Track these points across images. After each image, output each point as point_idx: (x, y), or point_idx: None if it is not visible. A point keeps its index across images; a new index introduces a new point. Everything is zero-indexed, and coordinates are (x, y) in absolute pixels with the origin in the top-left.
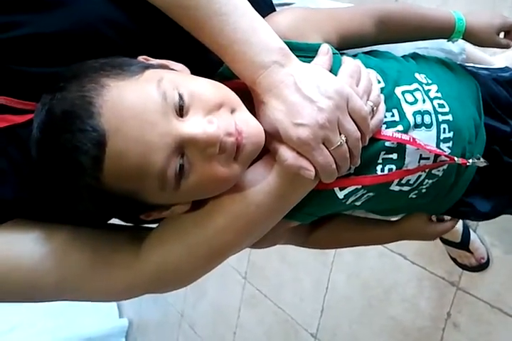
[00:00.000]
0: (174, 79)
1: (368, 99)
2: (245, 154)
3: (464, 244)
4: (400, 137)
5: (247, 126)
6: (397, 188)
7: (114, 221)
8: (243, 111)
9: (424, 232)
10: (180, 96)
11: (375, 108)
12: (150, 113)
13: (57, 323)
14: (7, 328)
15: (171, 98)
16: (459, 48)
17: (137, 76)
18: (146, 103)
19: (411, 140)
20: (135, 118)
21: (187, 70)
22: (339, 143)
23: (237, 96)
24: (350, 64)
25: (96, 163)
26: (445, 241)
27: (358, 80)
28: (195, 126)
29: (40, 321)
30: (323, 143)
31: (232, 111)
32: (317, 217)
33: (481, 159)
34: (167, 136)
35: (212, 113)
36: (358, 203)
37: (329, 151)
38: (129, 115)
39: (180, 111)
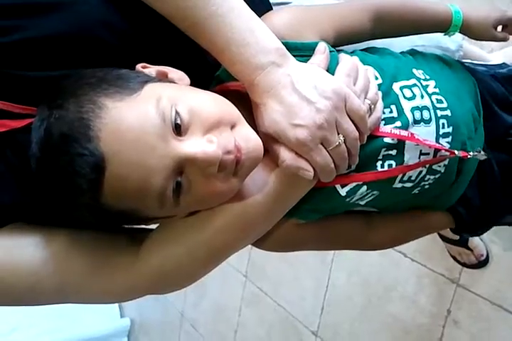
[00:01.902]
0: (173, 96)
1: (365, 98)
2: (244, 169)
3: (463, 241)
4: (398, 133)
5: (246, 141)
6: (399, 185)
7: None
8: (243, 126)
9: None
10: (179, 116)
11: (372, 106)
12: (149, 136)
13: (58, 324)
14: (8, 329)
15: (169, 119)
16: (456, 45)
17: (135, 94)
18: (144, 126)
19: (409, 135)
20: (134, 141)
21: (186, 79)
22: (337, 144)
23: (236, 109)
24: (347, 62)
25: (94, 186)
26: (444, 239)
27: (355, 79)
28: (194, 146)
29: (41, 322)
30: (322, 144)
31: (232, 126)
32: (321, 214)
33: (482, 152)
34: (166, 158)
35: (212, 131)
36: (362, 202)
37: (327, 151)
38: (127, 139)
39: (179, 130)
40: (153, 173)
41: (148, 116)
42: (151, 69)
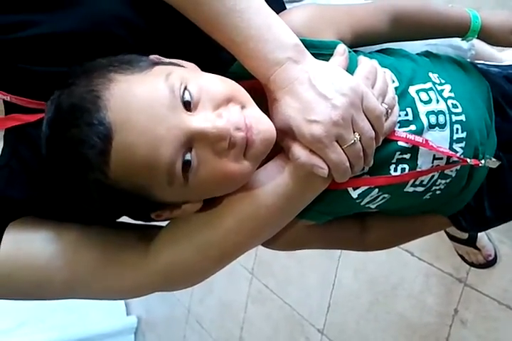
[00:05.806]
0: (183, 74)
1: (382, 101)
2: (255, 151)
3: (471, 240)
4: (413, 139)
5: (256, 122)
6: (411, 189)
7: (124, 219)
8: (253, 107)
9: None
10: (189, 91)
11: (389, 111)
12: (158, 106)
13: (65, 321)
14: (16, 324)
15: (178, 92)
16: (468, 44)
17: (145, 71)
18: (153, 96)
19: (423, 142)
20: (142, 111)
21: (197, 69)
22: (353, 141)
23: (246, 92)
24: (366, 65)
25: (103, 157)
26: (452, 238)
27: (373, 82)
28: (204, 120)
29: (47, 318)
30: (337, 141)
31: (242, 106)
32: (330, 216)
33: (493, 159)
34: (175, 129)
35: (221, 107)
36: (372, 206)
37: (342, 149)
38: (136, 108)
39: (189, 105)
40: (162, 145)
41: (157, 87)
42: (164, 60)
